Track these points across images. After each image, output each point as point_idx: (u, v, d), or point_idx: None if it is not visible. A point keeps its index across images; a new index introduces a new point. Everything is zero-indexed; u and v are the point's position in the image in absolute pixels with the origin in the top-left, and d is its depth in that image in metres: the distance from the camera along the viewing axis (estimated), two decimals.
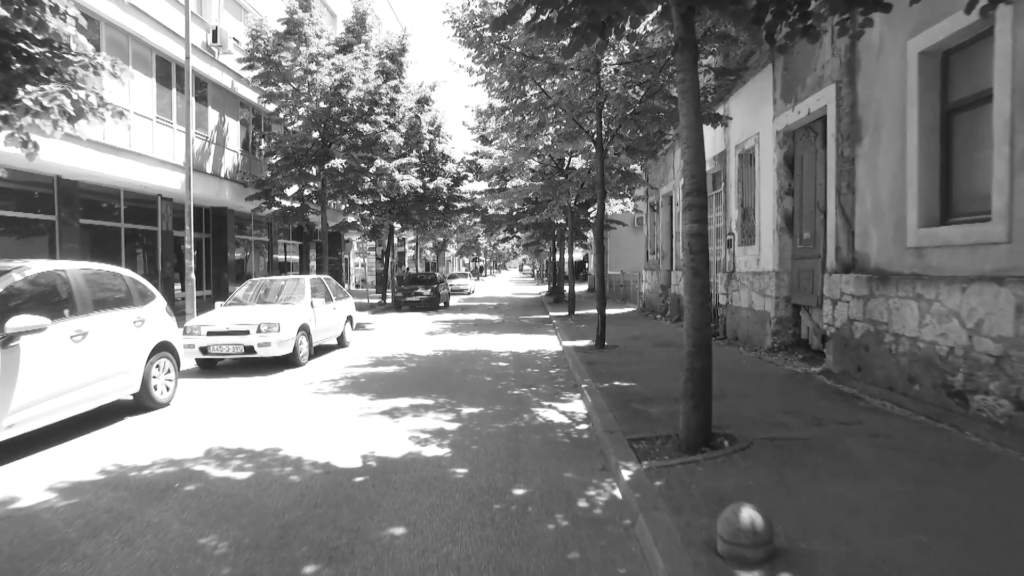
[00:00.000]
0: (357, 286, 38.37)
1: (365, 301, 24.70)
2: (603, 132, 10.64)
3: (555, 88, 10.62)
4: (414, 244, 42.36)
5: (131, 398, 6.32)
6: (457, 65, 11.46)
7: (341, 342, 11.80)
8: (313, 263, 26.68)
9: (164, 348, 6.65)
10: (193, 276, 11.72)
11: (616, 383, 7.34)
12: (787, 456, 4.30)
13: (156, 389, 6.49)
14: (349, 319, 12.11)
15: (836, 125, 7.34)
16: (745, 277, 10.61)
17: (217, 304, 10.25)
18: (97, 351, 5.50)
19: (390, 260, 27.99)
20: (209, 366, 9.42)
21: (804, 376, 7.46)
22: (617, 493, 4.01)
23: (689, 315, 4.60)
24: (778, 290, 9.33)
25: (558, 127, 11.66)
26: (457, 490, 4.07)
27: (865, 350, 6.62)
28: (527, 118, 11.62)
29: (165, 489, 4.05)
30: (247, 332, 8.77)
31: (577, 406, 6.64)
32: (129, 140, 13.18)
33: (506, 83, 10.99)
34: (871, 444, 4.53)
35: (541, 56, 9.84)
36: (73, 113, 5.04)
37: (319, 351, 11.08)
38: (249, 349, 8.74)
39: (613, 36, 4.73)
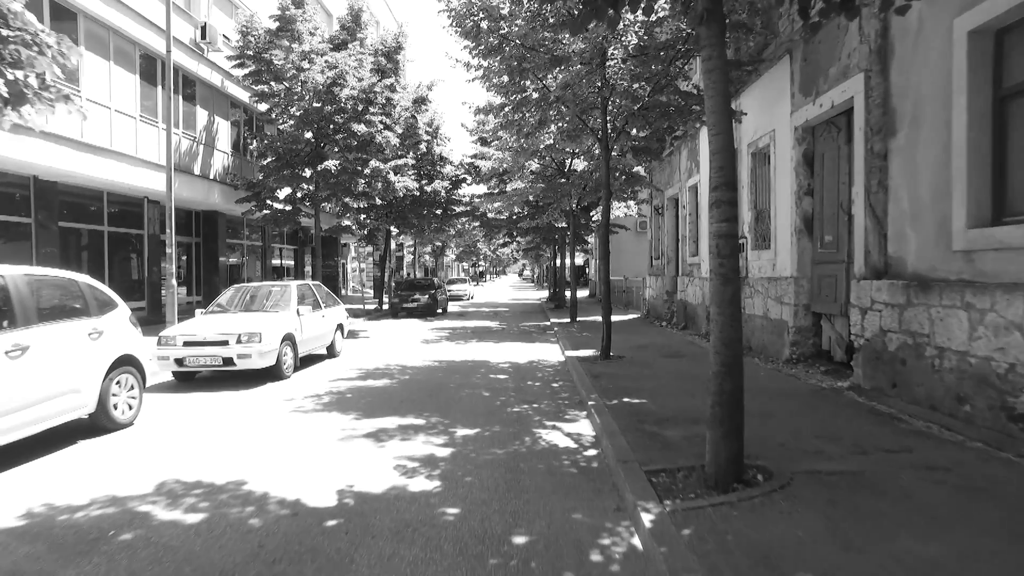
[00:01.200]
0: (355, 291, 37.77)
1: (361, 307, 24.06)
2: (608, 129, 10.02)
3: (558, 82, 10.02)
4: (412, 249, 41.73)
5: (87, 418, 5.67)
6: (454, 60, 10.81)
7: (331, 352, 11.16)
8: (308, 268, 26.06)
9: (126, 362, 6.01)
10: (175, 282, 11.08)
11: (625, 400, 6.70)
12: (836, 496, 3.65)
13: (116, 408, 5.83)
14: (340, 327, 11.46)
15: (865, 118, 6.72)
16: (759, 283, 9.98)
17: (198, 312, 9.61)
18: (40, 368, 4.85)
19: (387, 265, 27.36)
20: (187, 379, 8.77)
21: (831, 392, 6.81)
22: (636, 542, 3.37)
23: (718, 329, 3.96)
24: (797, 297, 8.70)
25: (560, 124, 11.04)
26: (446, 538, 3.42)
27: (901, 364, 5.98)
28: (527, 115, 11.01)
29: (96, 539, 3.39)
30: (226, 342, 8.13)
31: (584, 427, 6.00)
32: (110, 139, 12.57)
33: (505, 78, 10.38)
34: (932, 480, 3.88)
35: (542, 49, 9.25)
36: (8, 96, 4.41)
37: (307, 362, 10.44)
38: (228, 361, 8.09)
39: (627, 8, 4.12)
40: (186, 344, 8.15)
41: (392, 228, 25.05)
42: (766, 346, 9.64)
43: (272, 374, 8.66)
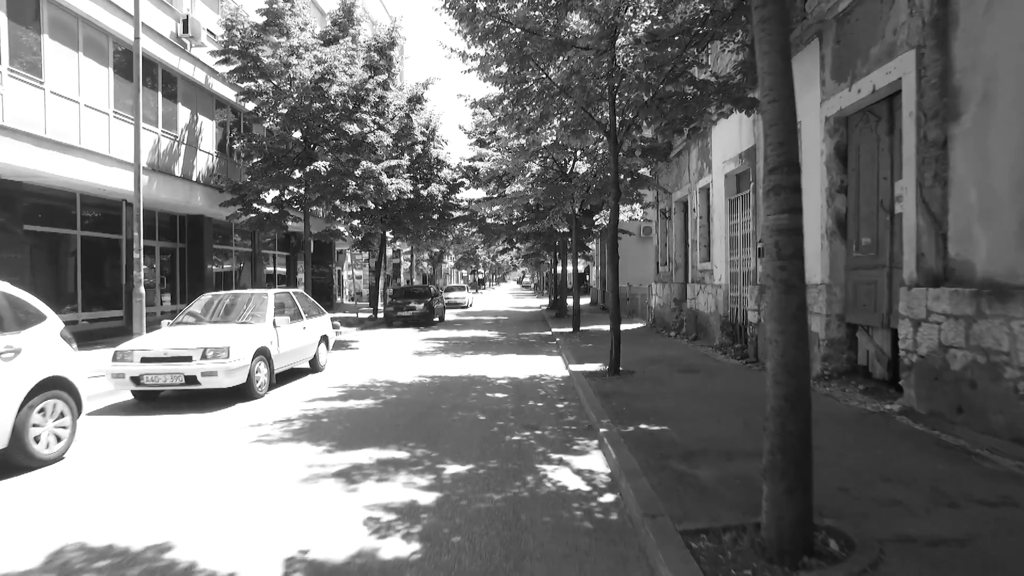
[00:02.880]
0: (353, 299, 36.85)
1: (354, 316, 23.14)
2: (617, 123, 9.15)
3: (562, 71, 9.17)
4: (409, 256, 40.83)
5: None
6: (448, 50, 9.96)
7: (314, 366, 10.23)
8: (301, 275, 25.14)
9: (54, 386, 5.09)
10: (143, 290, 10.16)
11: (642, 426, 5.78)
12: None
13: (38, 441, 4.91)
14: (324, 340, 10.54)
15: (917, 101, 5.84)
16: None
17: (164, 323, 8.70)
18: None
19: (383, 272, 26.46)
20: (149, 399, 7.84)
21: (880, 417, 5.89)
22: None
23: (779, 352, 3.06)
24: (828, 306, 7.79)
25: (564, 119, 10.17)
26: None
27: (970, 387, 5.07)
28: (528, 109, 10.15)
29: None
30: (188, 358, 7.21)
31: (596, 461, 5.08)
32: (79, 135, 11.70)
33: (503, 68, 9.53)
34: None
35: (545, 33, 8.40)
36: None
37: (286, 377, 9.51)
38: (190, 379, 7.16)
39: None
40: (144, 360, 7.22)
41: (387, 234, 24.16)
42: None
43: (243, 393, 7.73)
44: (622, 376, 8.75)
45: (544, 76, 9.25)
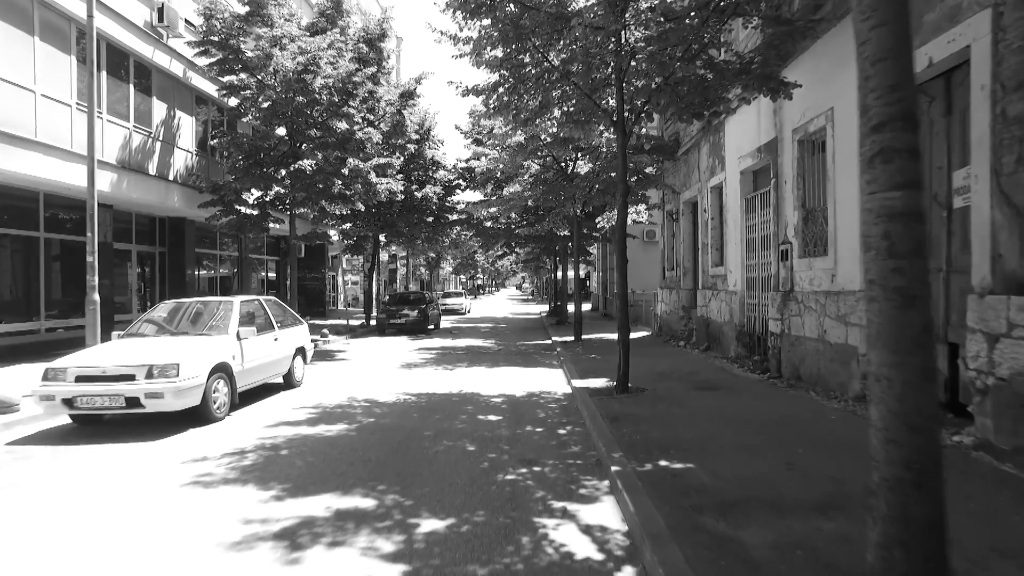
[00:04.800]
0: (349, 305, 35.83)
1: (344, 323, 22.13)
2: (625, 112, 8.17)
3: (564, 56, 8.23)
4: (405, 261, 39.82)
5: None
6: (439, 33, 9.03)
7: (288, 382, 9.21)
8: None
9: None
10: (97, 296, 9.14)
11: (663, 463, 4.78)
12: None
13: None
14: (300, 352, 9.52)
15: (992, 71, 4.86)
16: (812, 298, 8.08)
17: (114, 334, 7.69)
18: None
19: (376, 277, 25.46)
20: (92, 423, 6.82)
21: (951, 452, 4.87)
22: None
23: (893, 396, 2.07)
24: None
25: (565, 107, 9.20)
26: None
27: None
28: (526, 98, 9.18)
29: None
30: (131, 377, 6.19)
31: (608, 512, 4.07)
32: (35, 128, 10.70)
33: (498, 51, 8.59)
34: None
35: (543, 6, 7.46)
36: None
37: (255, 394, 8.48)
38: (132, 402, 6.15)
39: None
40: (79, 379, 6.20)
41: (381, 237, 23.17)
42: (824, 376, 7.73)
43: (198, 416, 6.72)
44: (632, 395, 7.74)
45: (542, 57, 8.30)
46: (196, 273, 18.72)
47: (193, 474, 4.89)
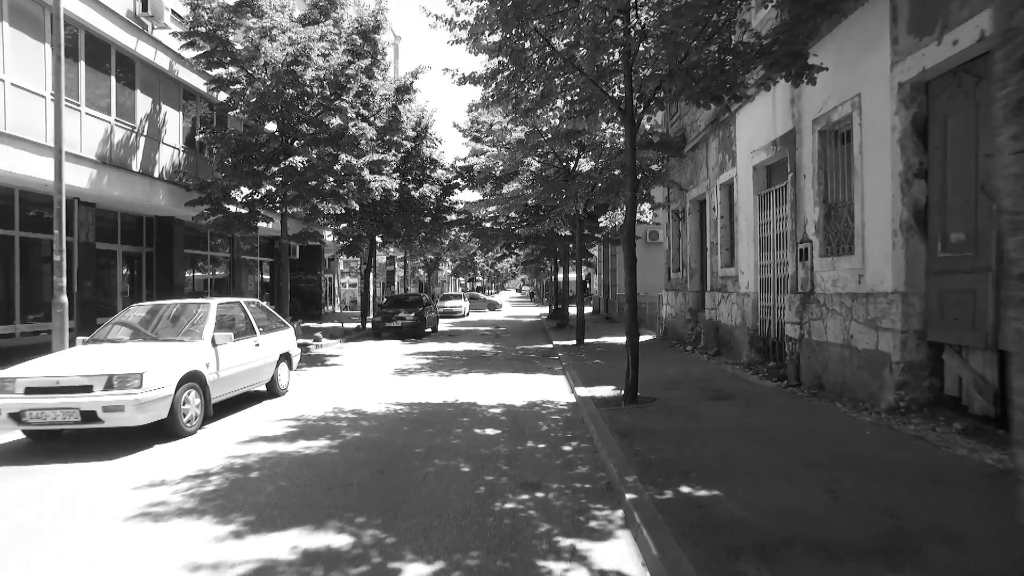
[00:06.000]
0: (347, 308, 35.22)
1: (339, 326, 21.51)
2: (634, 100, 7.57)
3: (568, 40, 7.64)
4: (403, 263, 39.18)
5: None
6: (434, 17, 8.46)
7: (272, 390, 8.59)
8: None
9: None
10: (65, 299, 8.52)
11: (684, 489, 4.16)
12: None
13: None
14: (286, 358, 8.90)
15: None
16: (835, 300, 7.47)
17: (79, 340, 7.08)
18: None
19: (373, 279, 24.84)
20: (49, 438, 6.20)
21: (1013, 480, 4.25)
22: None
23: None
24: (905, 320, 6.18)
25: (569, 96, 8.60)
26: None
27: None
28: (527, 87, 8.59)
29: None
30: (88, 388, 5.58)
31: (625, 553, 3.46)
32: (3, 119, 10.09)
33: (496, 35, 8.01)
34: None
35: None
36: None
37: (234, 404, 7.86)
38: (89, 416, 5.53)
39: None
40: (29, 391, 5.58)
41: (377, 238, 22.55)
42: (849, 386, 7.11)
43: (167, 431, 6.10)
44: (642, 405, 7.13)
45: (544, 42, 7.69)
46: (192, 275, 18.13)
47: (144, 503, 4.25)
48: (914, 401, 6.14)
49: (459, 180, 22.86)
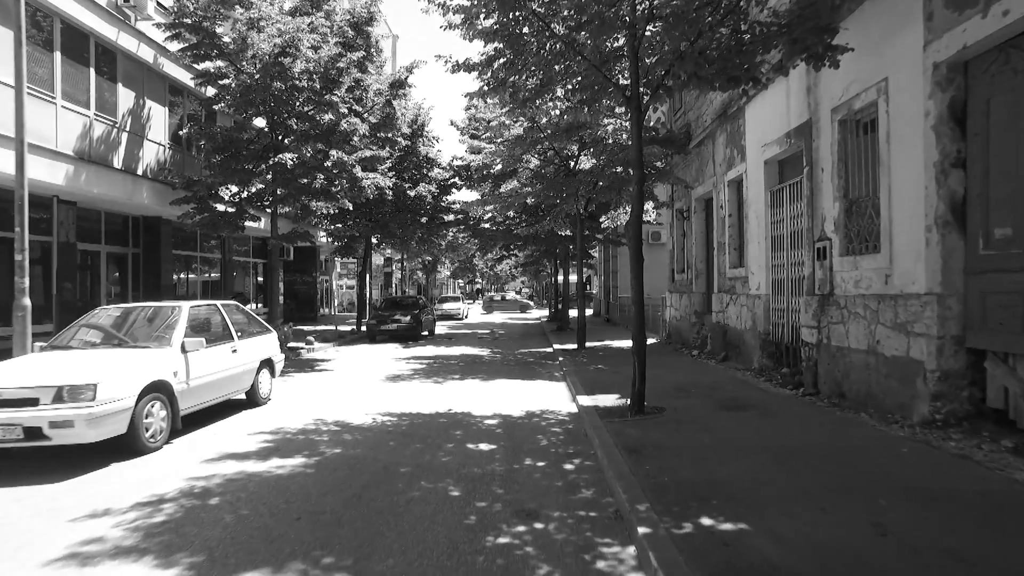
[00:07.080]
0: (344, 310, 34.65)
1: (334, 329, 20.93)
2: (640, 86, 7.00)
3: (571, 23, 7.08)
4: (401, 264, 38.60)
5: None
6: (427, 2, 7.88)
7: (252, 399, 8.01)
8: (282, 284, 22.86)
9: None
10: (27, 301, 7.93)
11: (705, 521, 3.59)
12: None
13: None
14: (267, 365, 8.32)
15: None
16: (859, 302, 6.90)
17: (36, 346, 6.50)
18: None
19: (369, 281, 24.28)
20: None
21: None
22: None
23: None
24: (941, 324, 5.61)
25: (570, 85, 8.04)
26: None
27: None
28: (525, 75, 8.04)
29: None
30: (33, 401, 4.99)
31: None
32: None
33: (491, 20, 7.47)
34: None
35: None
36: None
37: (209, 415, 7.26)
38: (34, 433, 4.93)
39: None
40: None
41: (372, 239, 21.97)
42: (875, 396, 6.53)
43: (126, 447, 5.51)
44: (649, 416, 6.55)
45: (544, 26, 7.14)
46: (185, 277, 17.55)
47: (78, 540, 3.65)
48: (952, 414, 5.56)
49: (456, 179, 22.31)
